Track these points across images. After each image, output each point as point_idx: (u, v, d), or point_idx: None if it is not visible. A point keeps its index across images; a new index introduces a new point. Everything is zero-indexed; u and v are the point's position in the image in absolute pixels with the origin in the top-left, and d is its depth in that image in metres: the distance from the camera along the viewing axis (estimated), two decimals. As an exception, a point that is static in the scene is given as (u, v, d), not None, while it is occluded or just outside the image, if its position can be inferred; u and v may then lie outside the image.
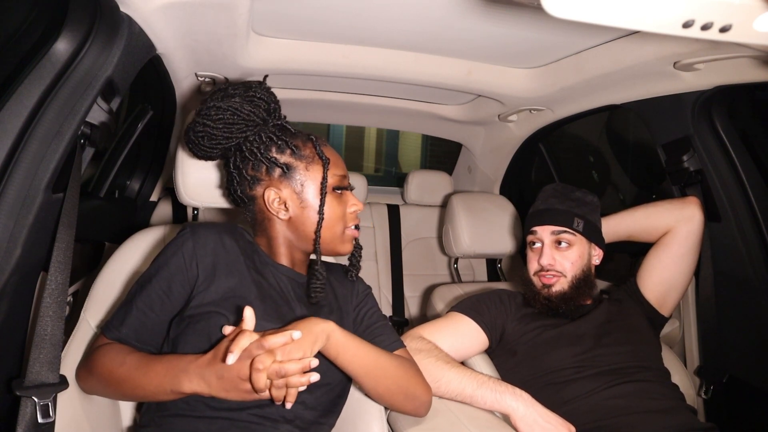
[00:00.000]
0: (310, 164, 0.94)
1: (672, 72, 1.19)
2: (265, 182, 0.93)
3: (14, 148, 0.80)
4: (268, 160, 0.91)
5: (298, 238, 0.95)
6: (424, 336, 1.18)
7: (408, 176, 2.43)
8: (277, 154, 0.93)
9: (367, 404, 0.98)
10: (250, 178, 0.93)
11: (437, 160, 6.75)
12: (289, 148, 0.93)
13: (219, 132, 0.92)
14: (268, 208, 0.93)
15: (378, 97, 1.88)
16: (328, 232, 0.93)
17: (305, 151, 0.94)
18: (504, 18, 1.12)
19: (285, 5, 1.12)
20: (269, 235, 0.96)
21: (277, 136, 0.93)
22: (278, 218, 0.94)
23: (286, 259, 0.97)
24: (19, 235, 0.82)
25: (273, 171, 0.92)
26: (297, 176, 0.93)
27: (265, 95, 0.97)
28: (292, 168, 0.93)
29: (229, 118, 0.91)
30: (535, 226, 1.29)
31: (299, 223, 0.93)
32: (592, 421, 1.06)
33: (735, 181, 1.30)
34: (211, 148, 0.95)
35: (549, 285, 1.24)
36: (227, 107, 0.91)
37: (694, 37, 0.53)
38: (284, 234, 0.95)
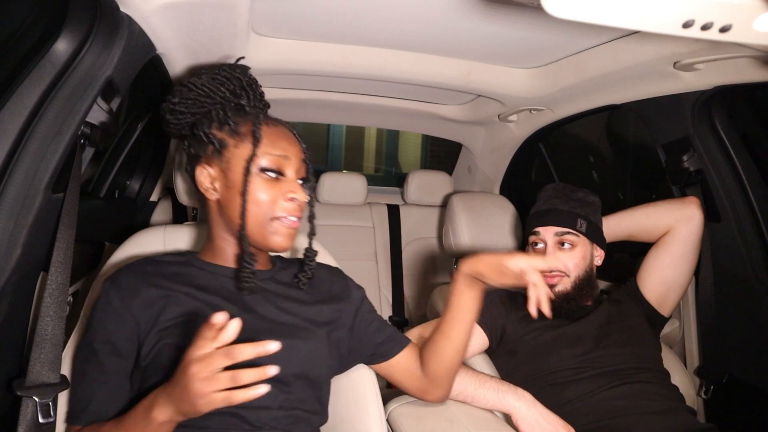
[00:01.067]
0: (241, 141, 0.86)
1: (672, 72, 1.19)
2: (201, 159, 0.89)
3: (14, 148, 0.80)
4: (205, 135, 0.87)
5: (227, 225, 0.88)
6: (425, 336, 1.17)
7: (408, 176, 2.43)
8: (215, 129, 0.88)
9: (367, 404, 0.98)
10: (193, 157, 0.90)
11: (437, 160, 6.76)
12: (227, 124, 0.87)
13: (178, 107, 0.91)
14: (200, 187, 0.89)
15: (378, 97, 1.88)
16: (253, 219, 0.84)
17: (242, 128, 0.87)
18: (504, 18, 1.12)
19: (285, 5, 1.12)
20: (208, 223, 0.92)
21: (224, 112, 0.88)
22: (210, 199, 0.89)
23: (228, 259, 0.91)
24: (19, 235, 0.82)
25: (207, 147, 0.88)
26: (226, 153, 0.86)
27: (230, 75, 0.93)
28: (224, 145, 0.86)
29: (188, 93, 0.91)
30: (537, 227, 1.28)
31: (226, 206, 0.87)
32: (591, 422, 1.06)
33: (735, 181, 1.30)
34: (176, 122, 0.94)
35: (551, 285, 1.23)
36: (189, 84, 0.91)
37: (694, 37, 0.53)
38: (217, 219, 0.90)
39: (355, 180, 2.36)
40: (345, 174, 2.45)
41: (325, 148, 7.02)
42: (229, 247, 0.91)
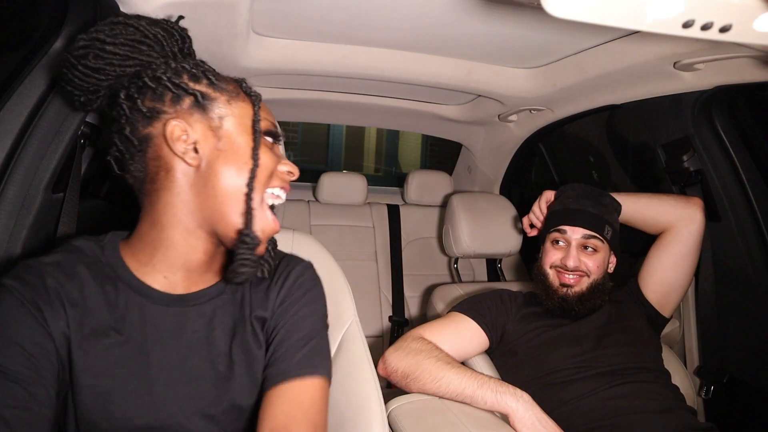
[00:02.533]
0: (233, 99, 0.70)
1: (672, 72, 1.19)
2: (167, 114, 0.67)
3: (14, 148, 0.80)
4: (176, 85, 0.66)
5: (206, 204, 0.68)
6: (425, 336, 1.17)
7: (408, 176, 2.43)
8: (189, 81, 0.68)
9: (368, 403, 0.98)
10: (147, 111, 0.66)
11: (437, 160, 6.77)
12: (205, 77, 0.69)
13: (114, 49, 0.67)
14: (171, 146, 0.66)
15: (378, 97, 1.88)
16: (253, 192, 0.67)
17: (228, 85, 0.71)
18: (504, 18, 1.12)
19: (285, 5, 1.12)
20: (160, 203, 0.68)
21: (191, 65, 0.69)
22: (184, 163, 0.67)
23: (174, 265, 0.70)
24: (19, 235, 0.82)
25: (181, 100, 0.67)
26: (215, 108, 0.68)
27: (180, 31, 0.76)
28: (209, 98, 0.68)
29: (131, 33, 0.69)
30: (564, 225, 1.26)
31: (211, 174, 0.67)
32: (591, 422, 1.06)
33: (735, 181, 1.30)
34: (97, 71, 0.68)
35: (569, 285, 1.23)
36: (130, 23, 0.70)
37: (694, 37, 0.52)
38: (183, 198, 0.67)
39: (355, 180, 2.36)
40: (345, 174, 2.45)
41: (325, 148, 7.02)
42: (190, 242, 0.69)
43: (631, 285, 1.33)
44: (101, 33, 0.68)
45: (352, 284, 1.14)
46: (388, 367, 1.14)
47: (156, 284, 0.70)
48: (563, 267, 1.24)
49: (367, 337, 1.05)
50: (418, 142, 7.20)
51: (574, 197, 1.29)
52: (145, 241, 0.70)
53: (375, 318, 2.19)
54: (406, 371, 1.10)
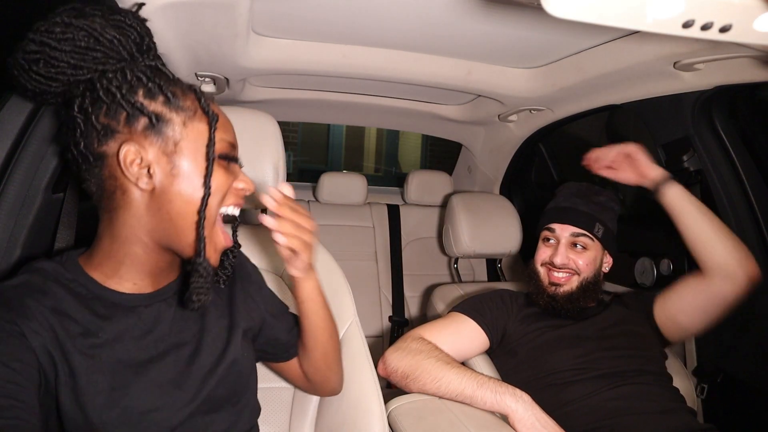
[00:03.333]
0: (189, 119, 0.68)
1: (672, 72, 1.19)
2: (122, 135, 0.65)
3: (14, 148, 0.80)
4: (130, 104, 0.64)
5: (162, 224, 0.68)
6: (425, 337, 1.17)
7: (408, 176, 2.43)
8: (144, 99, 0.66)
9: (368, 403, 0.98)
10: (101, 128, 0.65)
11: (437, 160, 6.77)
12: (162, 94, 0.66)
13: (64, 57, 0.64)
14: (124, 171, 0.65)
15: (378, 97, 1.88)
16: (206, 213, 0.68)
17: (185, 102, 0.68)
18: (504, 18, 1.12)
19: (285, 5, 1.12)
20: (118, 219, 0.68)
21: (147, 77, 0.66)
22: (137, 187, 0.66)
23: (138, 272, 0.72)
24: (19, 235, 0.82)
25: (136, 121, 0.65)
26: (169, 132, 0.66)
27: (138, 25, 0.70)
28: (164, 120, 0.66)
29: (82, 39, 0.64)
30: (553, 223, 1.26)
31: (165, 199, 0.67)
32: (590, 423, 1.05)
33: (735, 181, 1.30)
34: (48, 79, 0.66)
35: (558, 284, 1.23)
36: (81, 25, 0.64)
37: (694, 37, 0.52)
38: (140, 218, 0.68)
39: (355, 180, 2.36)
40: (345, 174, 2.45)
41: (325, 148, 7.02)
42: (153, 257, 0.72)
43: (647, 298, 1.30)
44: (51, 37, 0.64)
45: (352, 284, 1.14)
46: (388, 367, 1.14)
47: (125, 290, 0.72)
48: (552, 264, 1.24)
49: (367, 337, 1.06)
50: (418, 142, 7.20)
51: (566, 195, 1.30)
52: (108, 255, 0.71)
53: (375, 318, 2.19)
54: (406, 371, 1.10)
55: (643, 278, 1.59)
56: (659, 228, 1.60)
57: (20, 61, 0.66)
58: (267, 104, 1.82)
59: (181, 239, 0.69)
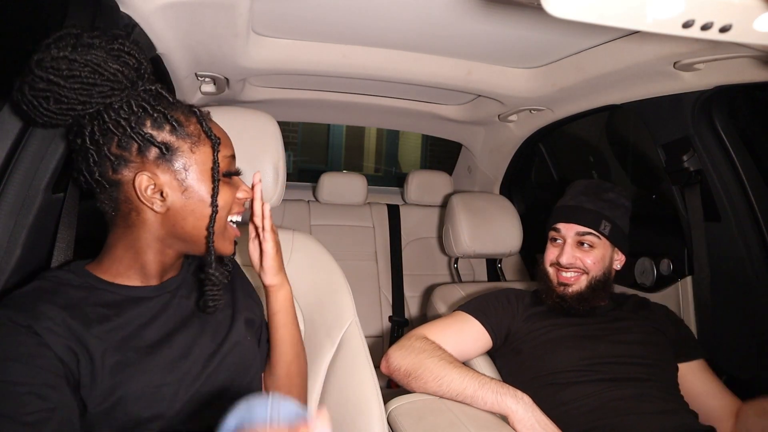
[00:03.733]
0: (195, 145, 0.74)
1: (672, 72, 1.19)
2: (135, 164, 0.72)
3: (14, 148, 0.80)
4: (141, 137, 0.70)
5: (174, 236, 0.76)
6: (428, 336, 1.17)
7: (408, 176, 2.43)
8: (153, 129, 0.72)
9: (368, 403, 0.98)
10: (115, 158, 0.71)
11: (437, 160, 6.77)
12: (168, 123, 0.73)
13: (72, 94, 0.68)
14: (139, 196, 0.72)
15: (378, 97, 1.88)
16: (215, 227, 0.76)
17: (189, 128, 0.75)
18: (504, 18, 1.12)
19: (285, 5, 1.12)
20: (133, 234, 0.75)
21: (152, 106, 0.72)
22: (151, 210, 0.73)
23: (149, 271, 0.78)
24: (19, 235, 0.82)
25: (147, 151, 0.71)
26: (179, 159, 0.73)
27: (135, 51, 0.74)
28: (173, 149, 0.73)
29: (87, 76, 0.68)
30: (559, 223, 1.25)
31: (179, 217, 0.74)
32: (589, 422, 1.05)
33: (735, 181, 1.30)
34: (59, 114, 0.70)
35: (566, 284, 1.22)
36: (85, 62, 0.68)
37: (694, 37, 0.52)
38: (155, 232, 0.75)
39: (355, 180, 2.36)
40: (345, 174, 2.45)
41: (325, 148, 7.02)
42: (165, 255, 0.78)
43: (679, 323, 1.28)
44: (59, 76, 0.67)
45: (352, 284, 1.14)
46: (391, 365, 1.13)
47: (134, 284, 0.78)
48: (559, 264, 1.23)
49: (367, 337, 1.06)
50: (418, 142, 7.20)
51: (573, 194, 1.28)
52: (120, 261, 0.77)
53: (375, 318, 2.19)
54: (408, 370, 1.10)
55: (643, 278, 1.59)
56: (659, 228, 1.61)
57: (29, 98, 0.69)
58: (267, 104, 1.82)
59: (194, 248, 0.79)
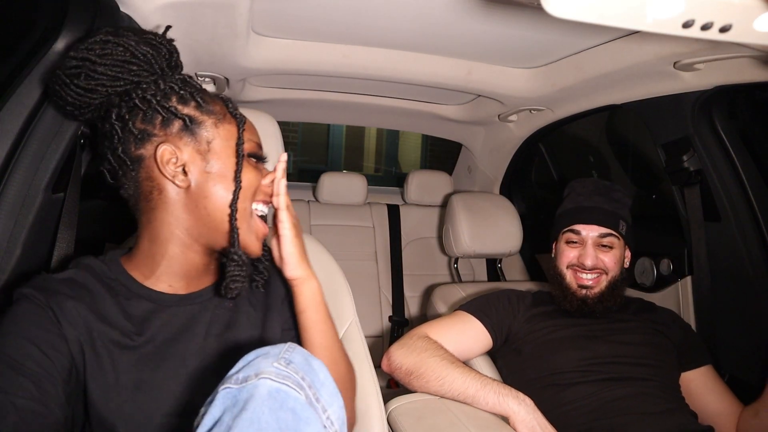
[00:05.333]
0: (220, 122, 0.74)
1: (672, 72, 1.19)
2: (158, 137, 0.71)
3: (14, 148, 0.80)
4: (165, 109, 0.71)
5: (199, 221, 0.73)
6: (430, 335, 1.17)
7: (408, 176, 2.43)
8: (178, 104, 0.72)
9: (368, 404, 0.98)
10: (138, 133, 0.71)
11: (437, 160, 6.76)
12: (194, 99, 0.73)
13: (104, 69, 0.70)
14: (162, 169, 0.71)
15: (378, 97, 1.88)
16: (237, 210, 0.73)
17: (214, 107, 0.75)
18: (504, 18, 1.12)
19: (285, 5, 1.12)
20: (156, 221, 0.73)
21: (179, 86, 0.73)
22: (174, 185, 0.72)
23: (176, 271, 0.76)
24: (19, 235, 0.82)
25: (171, 123, 0.71)
26: (203, 132, 0.73)
27: (168, 45, 0.77)
28: (197, 122, 0.73)
29: (119, 54, 0.70)
30: (578, 224, 1.24)
31: (201, 195, 0.72)
32: (588, 422, 1.05)
33: (735, 181, 1.29)
34: (89, 91, 0.71)
35: (588, 286, 1.21)
36: (119, 42, 0.71)
37: (694, 37, 0.52)
38: (177, 215, 0.73)
39: (355, 180, 2.36)
40: (345, 174, 2.45)
41: (325, 148, 7.02)
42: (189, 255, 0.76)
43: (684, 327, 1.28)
44: (92, 53, 0.70)
45: (352, 284, 1.14)
46: (393, 364, 1.13)
47: (162, 290, 0.76)
48: (581, 266, 1.22)
49: (367, 337, 1.06)
50: (418, 142, 7.20)
51: (586, 194, 1.27)
52: (147, 255, 0.75)
53: (375, 318, 2.19)
54: (410, 368, 1.10)
55: (643, 278, 1.59)
56: (659, 228, 1.61)
57: (61, 76, 0.71)
58: (267, 104, 1.82)
59: (218, 232, 0.74)
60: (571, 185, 1.34)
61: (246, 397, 0.52)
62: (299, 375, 0.56)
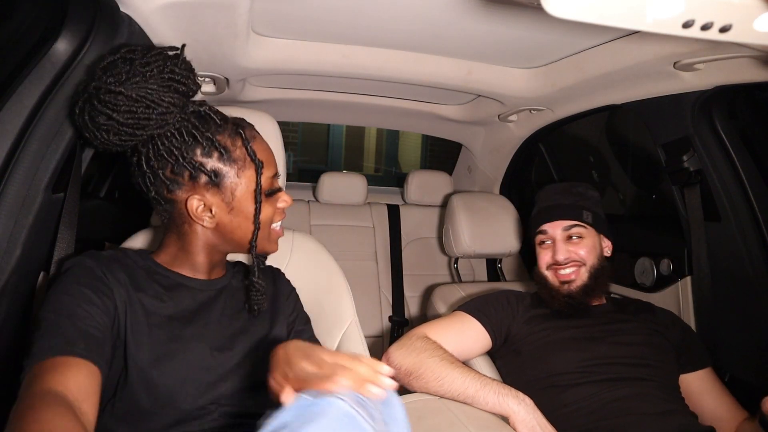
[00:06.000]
0: (241, 169, 0.83)
1: (672, 72, 1.19)
2: (186, 187, 0.81)
3: (14, 148, 0.80)
4: (192, 165, 0.79)
5: (223, 242, 0.87)
6: (429, 335, 1.17)
7: (408, 176, 2.43)
8: (202, 157, 0.80)
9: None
10: (169, 182, 0.80)
11: (437, 160, 6.76)
12: (216, 150, 0.80)
13: (129, 129, 0.76)
14: (191, 215, 0.82)
15: (378, 97, 1.88)
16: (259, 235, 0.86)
17: (235, 153, 0.82)
18: (504, 18, 1.12)
19: (285, 5, 1.12)
20: (186, 240, 0.86)
21: (200, 133, 0.79)
22: (201, 226, 0.84)
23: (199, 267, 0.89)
24: (19, 235, 0.82)
25: (198, 177, 0.80)
26: (227, 182, 0.82)
27: (183, 74, 0.81)
28: (221, 175, 0.81)
29: (143, 112, 0.76)
30: (543, 224, 1.28)
31: (226, 231, 0.85)
32: (588, 423, 1.05)
33: (735, 181, 1.29)
34: (119, 144, 0.79)
35: (569, 281, 1.22)
36: (139, 98, 0.75)
37: (694, 37, 0.53)
38: (205, 239, 0.86)
39: (355, 180, 2.36)
40: (345, 174, 2.45)
41: (325, 148, 7.02)
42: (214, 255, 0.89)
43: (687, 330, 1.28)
44: (117, 113, 0.75)
45: (352, 284, 1.14)
46: (392, 364, 1.13)
47: (186, 274, 0.88)
48: (556, 263, 1.24)
49: (367, 337, 1.06)
50: (418, 142, 7.20)
51: (545, 197, 1.33)
52: (174, 256, 0.88)
53: (375, 318, 2.19)
54: (409, 369, 1.10)
55: (643, 278, 1.59)
56: (659, 228, 1.61)
57: (92, 129, 0.78)
58: (267, 104, 1.82)
59: (238, 249, 0.89)
60: (537, 195, 1.38)
61: (317, 411, 0.54)
62: (375, 406, 0.57)
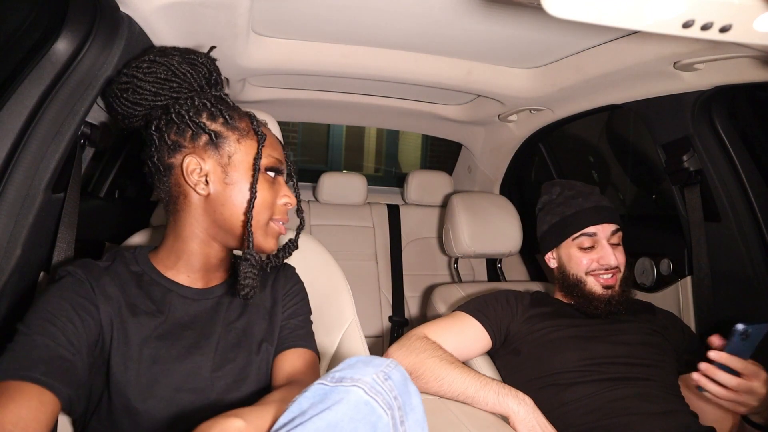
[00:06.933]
0: (243, 137, 0.83)
1: (672, 72, 1.19)
2: (187, 149, 0.81)
3: (14, 148, 0.80)
4: (195, 124, 0.80)
5: (216, 223, 0.82)
6: (429, 336, 1.17)
7: (408, 176, 2.43)
8: (207, 120, 0.82)
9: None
10: (171, 144, 0.81)
11: (437, 160, 6.76)
12: (222, 116, 0.82)
13: (147, 86, 0.83)
14: (186, 179, 0.80)
15: (378, 97, 1.88)
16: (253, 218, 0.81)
17: (240, 124, 0.84)
18: (504, 18, 1.12)
19: (285, 5, 1.12)
20: (180, 221, 0.83)
21: (211, 103, 0.83)
22: (196, 193, 0.81)
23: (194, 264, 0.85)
24: (19, 235, 0.82)
25: (198, 138, 0.81)
26: (226, 146, 0.82)
27: (208, 63, 0.89)
28: (222, 137, 0.82)
29: (162, 73, 0.84)
30: (591, 226, 1.23)
31: (219, 203, 0.81)
32: (588, 422, 1.05)
33: (735, 181, 1.29)
34: (134, 104, 0.84)
35: (611, 286, 1.20)
36: (162, 62, 0.84)
37: (694, 37, 0.53)
38: (198, 218, 0.82)
39: (355, 180, 2.36)
40: (345, 174, 2.45)
41: (325, 148, 7.02)
42: (206, 251, 0.85)
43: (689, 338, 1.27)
44: (139, 72, 0.84)
45: (352, 284, 1.14)
46: None
47: (181, 282, 0.85)
48: (602, 268, 1.21)
49: (367, 337, 1.06)
50: (418, 142, 7.20)
51: (579, 196, 1.27)
52: (170, 251, 0.85)
53: (375, 318, 2.19)
54: (409, 369, 1.10)
55: (643, 278, 1.59)
56: (659, 228, 1.61)
57: (115, 90, 0.86)
58: (267, 104, 1.82)
59: (232, 234, 0.83)
60: (548, 191, 1.34)
61: (336, 399, 0.54)
62: (392, 394, 0.57)
